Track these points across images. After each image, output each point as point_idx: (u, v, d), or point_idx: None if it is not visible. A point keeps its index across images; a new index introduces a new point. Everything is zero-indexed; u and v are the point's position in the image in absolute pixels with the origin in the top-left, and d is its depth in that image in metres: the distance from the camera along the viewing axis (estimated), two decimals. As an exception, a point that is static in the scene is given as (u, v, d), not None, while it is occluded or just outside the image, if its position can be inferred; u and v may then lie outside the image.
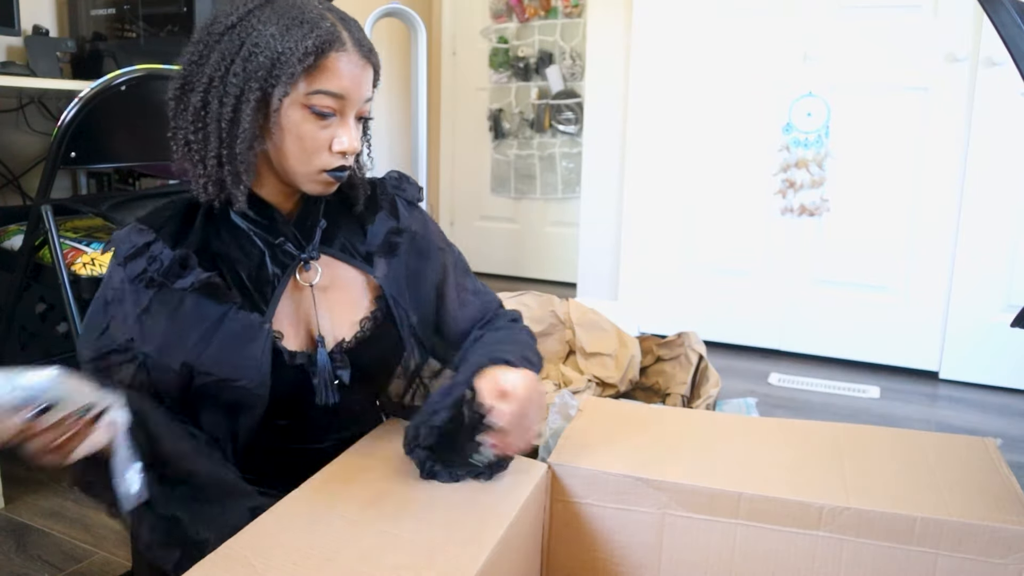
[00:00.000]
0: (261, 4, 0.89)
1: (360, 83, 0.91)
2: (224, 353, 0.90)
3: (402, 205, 1.07)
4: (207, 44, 0.89)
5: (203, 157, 0.90)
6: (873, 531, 0.87)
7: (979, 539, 0.84)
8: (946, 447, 1.04)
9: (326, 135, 0.90)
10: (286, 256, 0.96)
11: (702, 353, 2.08)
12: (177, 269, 0.89)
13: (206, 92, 0.88)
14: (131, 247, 0.90)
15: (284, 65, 0.86)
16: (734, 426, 1.15)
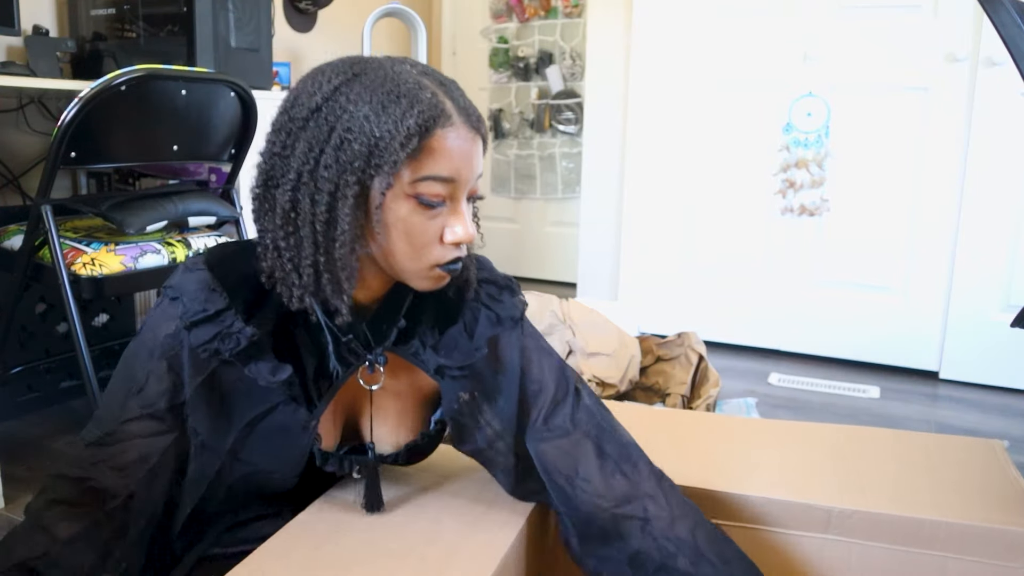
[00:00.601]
0: (349, 78, 0.76)
1: (471, 160, 0.78)
2: (265, 445, 0.84)
3: (485, 324, 0.88)
4: (290, 132, 0.77)
5: (296, 265, 0.77)
6: (882, 534, 0.87)
7: (988, 542, 0.84)
8: (952, 449, 1.04)
9: (436, 225, 0.77)
10: (351, 355, 0.85)
11: (702, 353, 2.08)
12: (252, 351, 0.79)
13: (295, 190, 0.76)
14: (201, 312, 0.79)
15: (384, 152, 0.73)
16: (737, 428, 1.15)
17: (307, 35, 3.12)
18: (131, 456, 0.80)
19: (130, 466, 0.80)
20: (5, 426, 1.98)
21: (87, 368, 1.62)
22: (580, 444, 0.88)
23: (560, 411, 0.89)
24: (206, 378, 0.80)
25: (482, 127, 0.80)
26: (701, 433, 1.12)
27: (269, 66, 2.27)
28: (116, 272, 1.63)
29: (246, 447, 0.83)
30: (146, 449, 0.80)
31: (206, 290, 0.80)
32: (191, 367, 0.80)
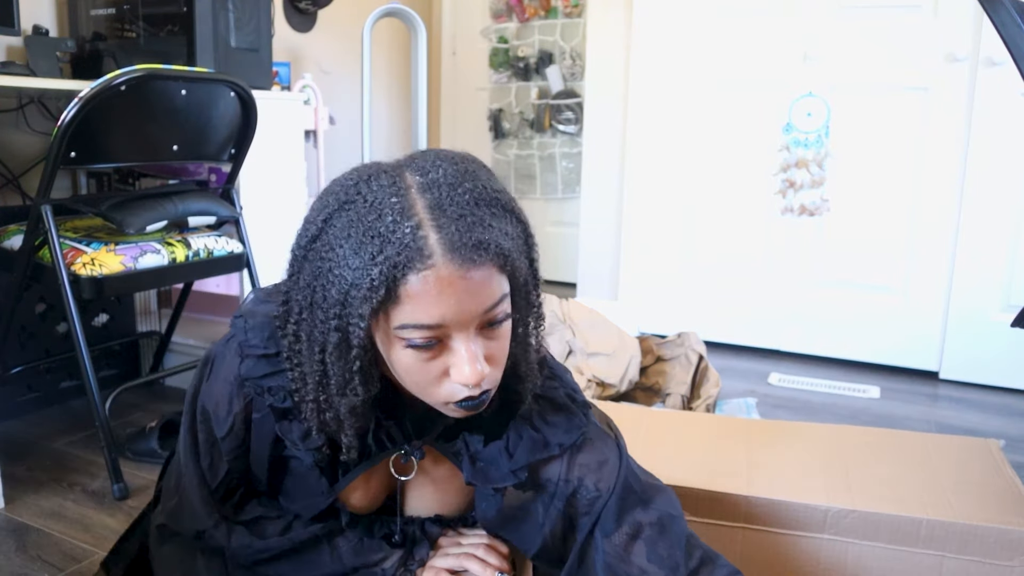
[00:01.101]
0: (338, 208, 0.69)
1: (463, 300, 0.66)
2: (290, 481, 0.85)
3: (527, 447, 0.82)
4: (297, 259, 0.72)
5: (303, 397, 0.75)
6: (879, 534, 0.87)
7: (985, 541, 0.84)
8: (949, 448, 1.04)
9: (438, 365, 0.70)
10: (389, 439, 0.82)
11: (702, 353, 2.08)
12: (290, 411, 0.79)
13: (297, 324, 0.73)
14: (261, 348, 0.80)
15: (352, 302, 0.67)
16: (737, 429, 1.15)
17: (307, 35, 3.13)
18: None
19: None
20: (5, 426, 1.99)
21: (87, 368, 1.63)
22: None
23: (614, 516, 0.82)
24: (262, 418, 0.81)
25: (485, 255, 0.66)
26: (701, 433, 1.12)
27: (269, 66, 2.27)
28: (116, 272, 1.64)
29: (274, 475, 0.85)
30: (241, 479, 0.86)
31: (271, 326, 0.78)
32: (258, 407, 0.82)
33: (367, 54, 2.73)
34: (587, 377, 2.05)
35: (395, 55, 3.69)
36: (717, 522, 0.93)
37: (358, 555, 0.84)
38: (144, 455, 1.78)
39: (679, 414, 1.34)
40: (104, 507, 1.58)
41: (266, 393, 0.79)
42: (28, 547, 1.43)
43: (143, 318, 2.38)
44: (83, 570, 1.36)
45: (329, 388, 0.72)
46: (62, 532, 1.49)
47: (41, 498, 1.63)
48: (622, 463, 0.83)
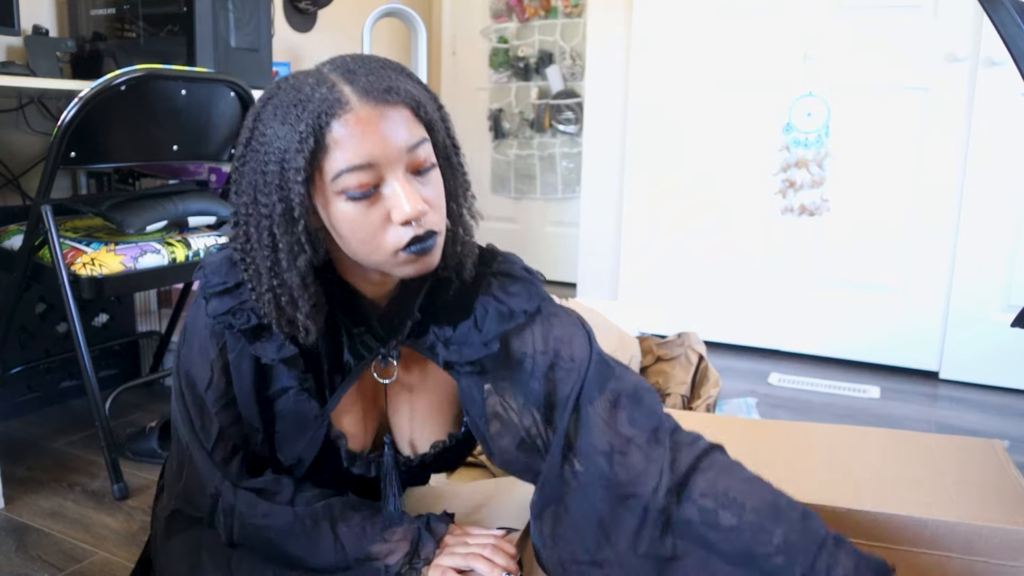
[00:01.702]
0: (265, 102, 0.78)
1: (386, 135, 0.74)
2: (283, 423, 0.86)
3: (495, 319, 0.86)
4: (236, 171, 0.80)
5: (260, 294, 0.80)
6: (882, 534, 0.87)
7: (990, 542, 0.84)
8: (953, 449, 1.04)
9: (378, 212, 0.76)
10: (365, 348, 0.86)
11: (702, 353, 2.08)
12: (261, 330, 0.83)
13: (246, 224, 0.79)
14: (220, 284, 0.84)
15: (289, 163, 0.73)
16: (737, 428, 1.15)
17: (307, 35, 3.12)
18: (229, 448, 0.87)
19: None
20: (5, 426, 1.98)
21: (87, 368, 1.62)
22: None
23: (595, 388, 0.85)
24: (239, 354, 0.84)
25: (393, 96, 0.74)
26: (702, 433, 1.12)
27: (269, 66, 2.27)
28: (116, 272, 1.63)
29: (266, 420, 0.86)
30: (238, 437, 0.87)
31: (227, 264, 0.83)
32: (232, 346, 0.85)
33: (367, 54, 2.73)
34: None
35: (395, 55, 3.68)
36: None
37: (360, 544, 0.83)
38: (144, 455, 1.77)
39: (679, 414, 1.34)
40: (104, 507, 1.58)
41: (232, 318, 0.83)
42: (28, 547, 1.43)
43: (143, 318, 2.38)
44: (83, 570, 1.36)
45: (280, 267, 0.77)
46: (62, 532, 1.49)
47: (41, 498, 1.62)
48: (591, 336, 0.88)
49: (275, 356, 0.82)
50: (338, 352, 0.86)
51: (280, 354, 0.82)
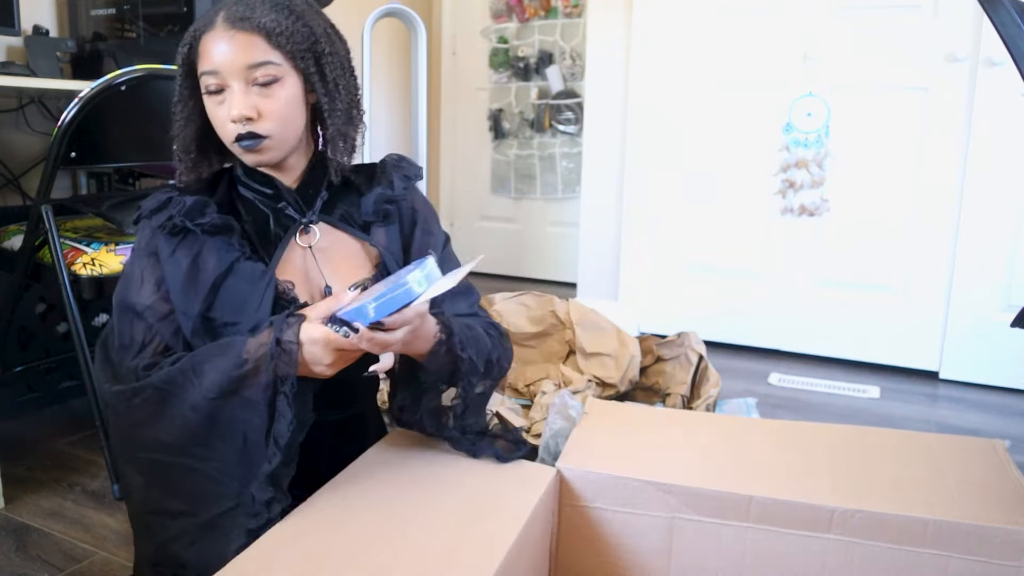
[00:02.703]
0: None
1: (230, 53, 0.96)
2: (232, 299, 0.96)
3: (398, 179, 1.13)
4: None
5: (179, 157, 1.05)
6: (885, 534, 0.87)
7: (991, 542, 0.84)
8: (954, 449, 1.04)
9: (224, 110, 0.98)
10: (288, 220, 1.05)
11: (702, 353, 2.08)
12: (196, 213, 0.97)
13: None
14: (157, 202, 1.00)
15: (180, 51, 1.00)
16: (740, 428, 1.15)
17: (307, 35, 3.12)
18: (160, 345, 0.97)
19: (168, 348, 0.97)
20: (5, 426, 1.98)
21: (87, 368, 1.62)
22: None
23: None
24: (173, 252, 0.97)
25: (246, 25, 0.96)
26: (701, 433, 1.12)
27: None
28: (116, 272, 1.63)
29: (215, 307, 0.96)
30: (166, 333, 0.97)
31: (160, 192, 1.01)
32: (165, 250, 0.97)
33: (367, 54, 2.73)
34: (587, 377, 2.05)
35: (395, 55, 3.68)
36: (722, 522, 0.93)
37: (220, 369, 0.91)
38: (144, 456, 1.77)
39: (680, 413, 1.34)
40: (104, 507, 1.58)
41: (167, 218, 0.98)
42: (28, 547, 1.43)
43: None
44: (83, 570, 1.36)
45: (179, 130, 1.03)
46: (62, 532, 1.49)
47: (41, 498, 1.62)
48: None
49: (211, 220, 0.97)
50: (265, 226, 1.04)
51: (215, 219, 0.97)
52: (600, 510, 0.98)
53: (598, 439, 1.08)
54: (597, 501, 0.98)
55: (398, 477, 0.95)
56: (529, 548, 0.90)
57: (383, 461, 0.99)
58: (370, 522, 0.85)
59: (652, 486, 0.95)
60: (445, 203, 4.08)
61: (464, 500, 0.90)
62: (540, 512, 0.92)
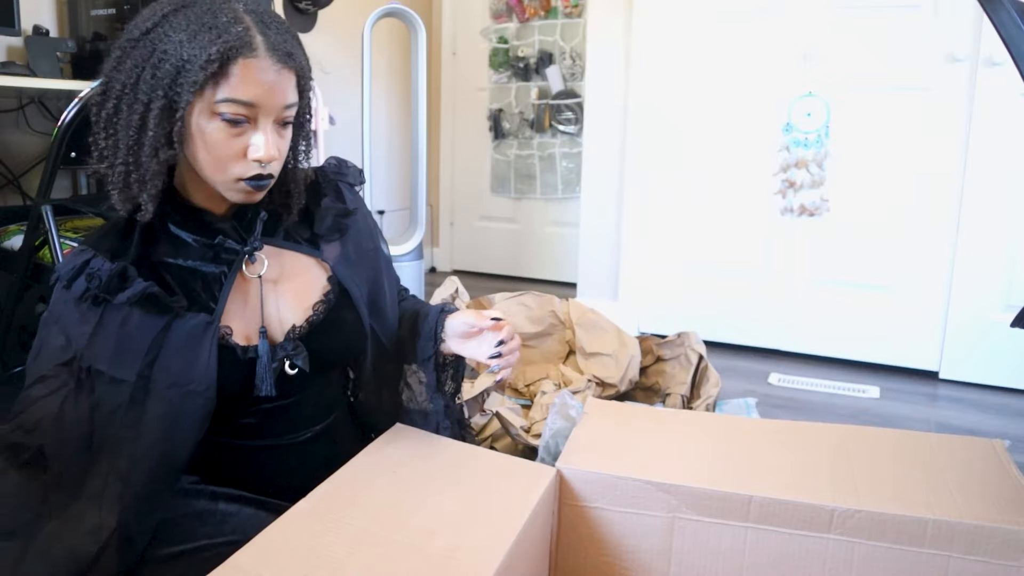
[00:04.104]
0: (176, 9, 0.87)
1: (274, 91, 0.88)
2: (173, 359, 0.89)
3: (345, 189, 1.09)
4: (124, 50, 0.87)
5: (112, 164, 0.89)
6: (885, 534, 0.87)
7: (991, 541, 0.84)
8: (954, 448, 1.04)
9: (239, 143, 0.88)
10: (229, 253, 0.96)
11: (702, 353, 2.08)
12: (117, 283, 0.88)
13: (118, 99, 0.87)
14: (71, 268, 0.89)
15: (187, 73, 0.84)
16: (740, 428, 1.15)
17: (307, 35, 3.12)
18: (36, 416, 0.89)
19: (38, 424, 0.88)
20: (5, 426, 1.98)
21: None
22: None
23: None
24: (96, 325, 0.88)
25: (292, 62, 0.89)
26: (701, 433, 1.12)
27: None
28: (116, 272, 1.63)
29: (155, 368, 0.89)
30: (49, 406, 0.89)
31: (75, 255, 0.91)
32: (78, 322, 0.89)
33: (367, 54, 2.73)
34: (587, 377, 2.05)
35: (395, 55, 3.68)
36: (722, 522, 0.93)
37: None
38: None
39: (680, 413, 1.34)
40: (105, 508, 1.58)
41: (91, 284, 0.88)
42: (29, 548, 1.43)
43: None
44: (84, 571, 1.36)
45: (142, 151, 0.87)
46: (63, 533, 1.48)
47: (41, 499, 1.62)
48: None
49: (133, 294, 0.88)
50: (204, 267, 0.95)
51: (137, 290, 0.88)
52: (600, 510, 0.98)
53: (598, 439, 1.08)
54: (597, 501, 0.98)
55: (397, 477, 0.95)
56: (529, 548, 0.90)
57: (381, 461, 0.99)
58: (369, 521, 0.85)
59: (652, 486, 0.95)
60: (445, 203, 4.08)
61: (464, 500, 0.90)
62: (540, 512, 0.92)
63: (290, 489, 0.96)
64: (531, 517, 0.88)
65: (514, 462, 1.01)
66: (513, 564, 0.82)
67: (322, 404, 1.06)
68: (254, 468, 1.00)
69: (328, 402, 1.08)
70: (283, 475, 1.01)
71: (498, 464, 1.00)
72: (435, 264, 4.13)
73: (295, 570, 0.76)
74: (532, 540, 0.91)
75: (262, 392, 0.95)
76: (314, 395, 1.04)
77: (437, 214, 4.09)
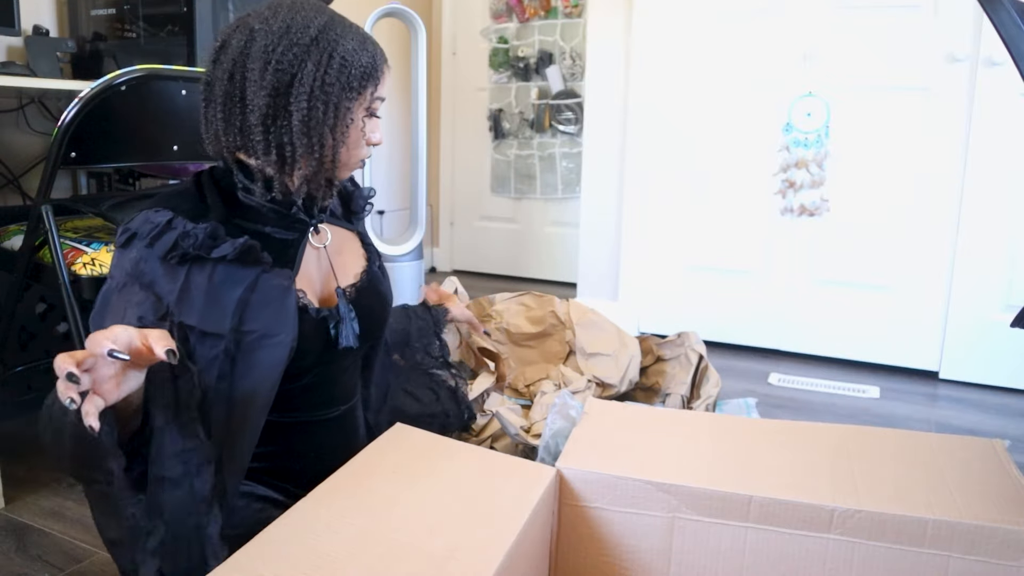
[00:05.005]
0: (329, 19, 0.98)
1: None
2: (263, 311, 0.95)
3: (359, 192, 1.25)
4: (296, 54, 0.95)
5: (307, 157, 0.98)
6: (885, 534, 0.87)
7: (991, 541, 0.84)
8: (954, 448, 1.04)
9: (367, 132, 1.03)
10: (299, 223, 1.06)
11: (702, 353, 2.08)
12: (210, 242, 0.93)
13: (309, 99, 0.95)
14: (155, 227, 0.92)
15: (372, 76, 0.99)
16: (741, 428, 1.15)
17: (307, 35, 3.12)
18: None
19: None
20: (5, 426, 1.98)
21: (87, 368, 1.62)
22: None
23: None
24: (183, 282, 0.91)
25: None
26: (701, 433, 1.12)
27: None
28: (116, 272, 1.63)
29: (245, 320, 0.94)
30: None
31: (149, 213, 0.94)
32: (165, 279, 0.91)
33: (367, 54, 2.73)
34: (587, 377, 2.05)
35: (395, 55, 3.68)
36: (722, 522, 0.93)
37: None
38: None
39: (680, 413, 1.34)
40: (105, 508, 1.58)
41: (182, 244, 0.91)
42: (28, 547, 1.43)
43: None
44: (83, 570, 1.36)
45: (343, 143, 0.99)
46: (62, 532, 1.49)
47: (41, 498, 1.62)
48: None
49: (231, 250, 0.93)
50: (279, 232, 1.03)
51: (236, 246, 0.93)
52: (600, 510, 0.98)
53: (598, 439, 1.08)
54: (597, 501, 0.98)
55: (397, 476, 0.95)
56: (529, 548, 0.90)
57: (381, 460, 0.99)
58: (369, 521, 0.85)
59: (652, 486, 0.95)
60: (445, 203, 4.08)
61: (463, 500, 0.90)
62: (540, 512, 0.92)
63: (302, 474, 1.03)
64: (531, 517, 0.88)
65: (514, 462, 1.01)
66: (513, 564, 0.82)
67: (348, 383, 1.16)
68: (277, 444, 1.05)
69: (351, 383, 1.17)
70: (300, 456, 1.07)
71: (498, 464, 1.00)
72: (435, 264, 4.13)
73: (295, 570, 0.75)
74: (532, 540, 0.91)
75: (347, 343, 1.04)
76: (349, 369, 1.14)
77: (437, 214, 4.09)
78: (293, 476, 1.05)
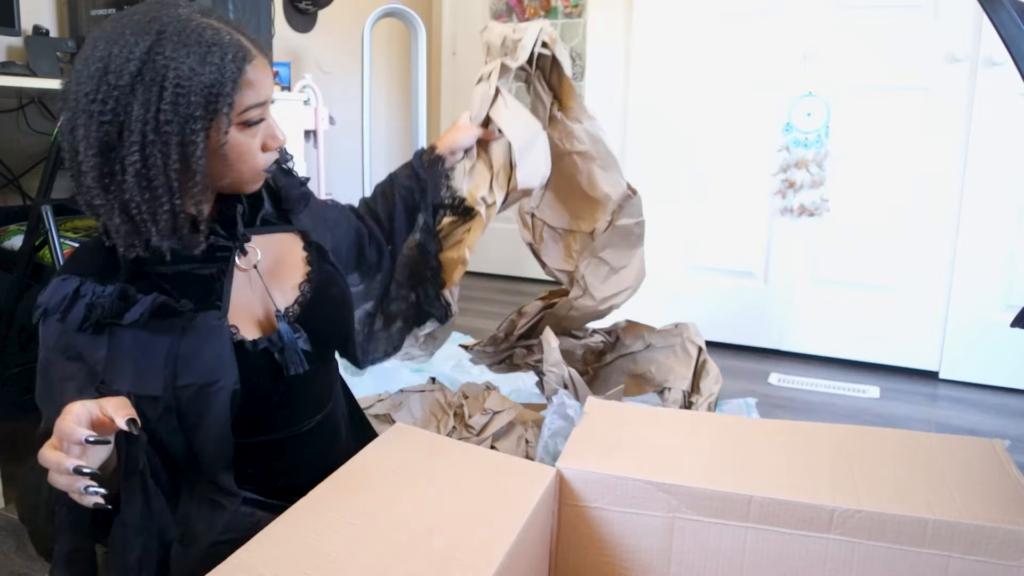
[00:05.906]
0: (156, 39, 0.82)
1: (271, 80, 0.93)
2: (195, 361, 0.87)
3: (283, 157, 1.11)
4: (117, 99, 0.81)
5: (154, 215, 0.84)
6: (885, 534, 0.87)
7: (991, 541, 0.84)
8: (954, 448, 1.04)
9: (258, 140, 0.92)
10: (221, 250, 0.95)
11: (701, 345, 2.06)
12: (120, 304, 0.85)
13: (142, 149, 0.82)
14: (63, 299, 0.86)
15: (220, 96, 0.84)
16: (740, 428, 1.15)
17: (307, 35, 3.13)
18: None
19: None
20: (5, 426, 1.98)
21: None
22: None
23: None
24: (107, 350, 0.86)
25: (268, 54, 0.99)
26: (701, 433, 1.12)
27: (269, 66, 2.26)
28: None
29: (179, 374, 0.87)
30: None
31: (57, 283, 0.88)
32: (89, 348, 0.86)
33: (367, 54, 2.73)
34: None
35: (395, 55, 3.69)
36: (722, 522, 0.93)
37: None
38: (145, 456, 1.77)
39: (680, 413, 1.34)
40: (105, 508, 1.58)
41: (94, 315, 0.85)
42: (28, 547, 1.43)
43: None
44: (84, 571, 1.36)
45: (190, 190, 0.85)
46: (63, 533, 1.48)
47: (41, 499, 1.62)
48: None
49: (143, 312, 0.85)
50: (200, 269, 0.94)
51: (146, 306, 0.85)
52: (600, 510, 0.98)
53: (598, 439, 1.08)
54: (597, 501, 0.98)
55: (397, 476, 0.95)
56: (529, 548, 0.90)
57: (381, 460, 0.99)
58: (369, 521, 0.85)
59: (652, 486, 0.95)
60: (445, 203, 4.07)
61: (463, 500, 0.90)
62: (540, 512, 0.92)
63: (288, 489, 0.96)
64: (531, 517, 0.88)
65: (514, 462, 1.01)
66: (513, 564, 0.82)
67: (317, 393, 1.07)
68: (255, 466, 1.00)
69: (321, 392, 1.09)
70: (282, 473, 1.02)
71: (498, 464, 1.00)
72: (435, 264, 4.12)
73: (295, 570, 0.75)
74: (532, 540, 0.91)
75: (296, 370, 0.96)
76: (316, 377, 1.04)
77: (437, 214, 4.09)
78: (278, 493, 0.99)
